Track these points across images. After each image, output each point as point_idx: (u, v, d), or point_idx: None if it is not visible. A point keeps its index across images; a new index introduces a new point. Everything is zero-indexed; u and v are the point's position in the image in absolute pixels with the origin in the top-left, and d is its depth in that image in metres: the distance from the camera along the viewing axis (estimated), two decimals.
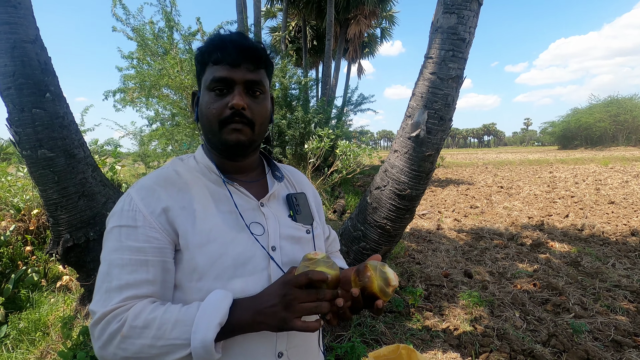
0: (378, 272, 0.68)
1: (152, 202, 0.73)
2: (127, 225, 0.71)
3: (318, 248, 0.88)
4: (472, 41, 2.05)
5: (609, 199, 8.23)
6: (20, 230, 4.23)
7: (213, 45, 0.77)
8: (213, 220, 0.75)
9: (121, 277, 0.68)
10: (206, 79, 0.78)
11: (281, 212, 0.86)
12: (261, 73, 0.80)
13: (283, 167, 1.00)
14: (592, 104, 43.38)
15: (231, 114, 0.75)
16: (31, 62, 2.27)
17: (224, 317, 0.64)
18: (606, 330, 2.74)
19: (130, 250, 0.70)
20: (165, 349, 0.64)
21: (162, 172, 0.80)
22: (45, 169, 2.35)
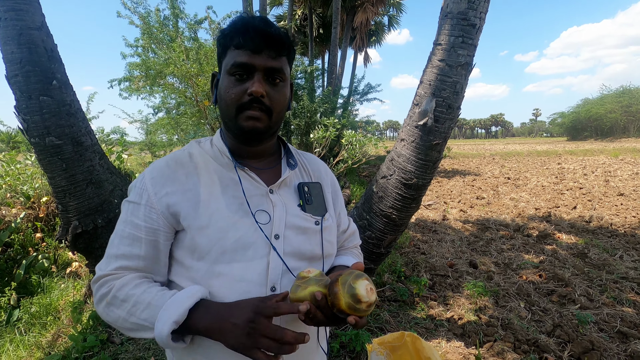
0: (346, 288, 0.63)
1: (159, 183, 0.77)
2: (134, 202, 0.78)
3: (326, 241, 0.85)
4: (482, 27, 2.00)
5: (618, 190, 8.12)
6: (31, 218, 4.30)
7: (236, 29, 0.77)
8: (216, 204, 0.76)
9: (120, 247, 0.76)
10: (227, 62, 0.78)
11: (291, 200, 0.85)
12: (282, 60, 0.79)
13: (302, 154, 0.98)
14: (603, 94, 42.47)
15: (249, 101, 0.75)
16: (38, 49, 2.27)
17: (180, 317, 0.66)
18: (612, 321, 2.73)
19: (131, 225, 0.76)
20: (135, 325, 0.71)
21: (176, 155, 0.83)
22: (53, 157, 2.36)
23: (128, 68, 5.82)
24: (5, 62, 2.23)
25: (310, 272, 0.70)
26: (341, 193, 1.02)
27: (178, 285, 0.78)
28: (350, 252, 1.01)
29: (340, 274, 0.68)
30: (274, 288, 0.76)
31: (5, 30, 2.19)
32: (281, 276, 0.77)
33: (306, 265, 0.81)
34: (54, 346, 2.47)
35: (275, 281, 0.76)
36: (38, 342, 2.52)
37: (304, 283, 0.67)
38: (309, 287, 0.67)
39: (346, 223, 1.01)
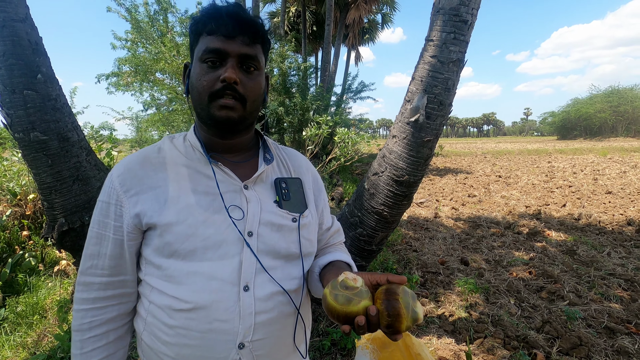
0: (410, 312, 0.60)
1: (127, 181, 0.76)
2: (102, 201, 0.77)
3: (304, 239, 0.82)
4: (474, 23, 2.00)
5: (606, 189, 8.25)
6: (17, 215, 4.22)
7: (208, 14, 0.74)
8: (186, 200, 0.74)
9: (88, 247, 0.78)
10: (199, 49, 0.75)
11: (266, 196, 0.81)
12: (257, 48, 0.77)
13: (283, 149, 0.95)
14: (592, 94, 43.13)
15: (222, 87, 0.72)
16: (21, 42, 2.21)
17: None
18: (600, 317, 2.76)
19: (99, 225, 0.77)
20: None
21: (144, 151, 0.81)
22: (38, 152, 2.31)
23: (117, 63, 5.73)
24: None
25: (357, 281, 0.64)
26: (324, 190, 0.98)
27: (149, 285, 0.76)
28: (339, 248, 0.98)
29: (392, 290, 0.62)
30: (247, 287, 0.72)
31: None
32: (255, 275, 0.74)
33: (282, 265, 0.78)
34: (40, 346, 2.42)
35: (249, 280, 0.73)
36: (24, 341, 2.46)
37: (355, 295, 0.62)
38: (363, 300, 0.62)
39: (330, 221, 0.98)
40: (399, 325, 0.60)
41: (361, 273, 0.70)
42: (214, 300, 0.70)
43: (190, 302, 0.70)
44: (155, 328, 0.74)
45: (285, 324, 0.78)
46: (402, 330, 0.61)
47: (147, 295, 0.76)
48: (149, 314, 0.75)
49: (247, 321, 0.71)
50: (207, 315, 0.70)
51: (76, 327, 0.78)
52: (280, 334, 0.77)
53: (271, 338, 0.75)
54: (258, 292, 0.73)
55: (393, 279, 0.66)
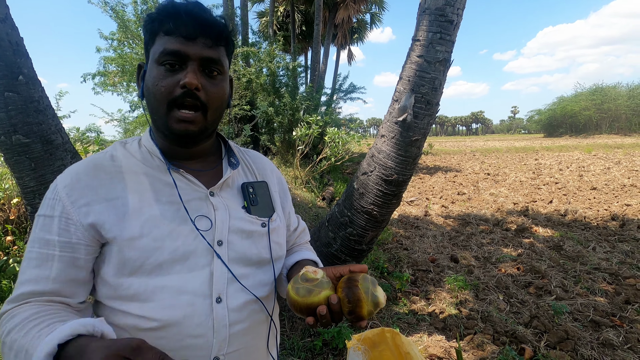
0: (370, 296, 0.63)
1: (76, 191, 0.66)
2: (44, 215, 0.66)
3: (274, 243, 0.80)
4: (460, 23, 2.02)
5: (591, 185, 8.43)
6: (0, 220, 4.12)
7: (166, 12, 0.67)
8: (149, 211, 0.68)
9: (25, 271, 0.64)
10: (155, 50, 0.68)
11: (234, 202, 0.77)
12: (220, 51, 0.71)
13: (246, 152, 0.91)
14: (577, 92, 44.11)
15: (182, 94, 0.66)
16: (1, 43, 2.15)
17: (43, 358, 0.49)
18: (585, 311, 2.82)
19: (40, 243, 0.65)
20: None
21: (94, 158, 0.72)
22: (20, 156, 2.26)
23: (102, 62, 5.63)
24: None
25: (317, 272, 0.66)
26: (289, 191, 0.97)
27: (106, 307, 0.68)
28: (305, 247, 0.97)
29: (353, 278, 0.64)
30: (219, 299, 0.69)
31: None
32: (227, 285, 0.71)
33: (254, 271, 0.76)
34: None
35: (221, 291, 0.70)
36: None
37: (315, 286, 0.64)
38: (323, 290, 0.64)
39: (296, 222, 0.97)
40: (360, 310, 0.62)
41: (325, 268, 0.72)
42: (185, 316, 0.66)
43: (158, 320, 0.65)
44: None
45: (259, 331, 0.77)
46: (364, 315, 0.62)
47: (105, 317, 0.65)
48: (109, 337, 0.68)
49: (222, 334, 0.69)
50: (178, 332, 0.66)
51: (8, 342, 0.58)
52: (254, 342, 0.76)
53: (246, 348, 0.73)
54: (231, 303, 0.70)
55: (354, 269, 0.68)
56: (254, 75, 7.72)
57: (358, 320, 0.62)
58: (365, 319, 0.63)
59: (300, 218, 1.03)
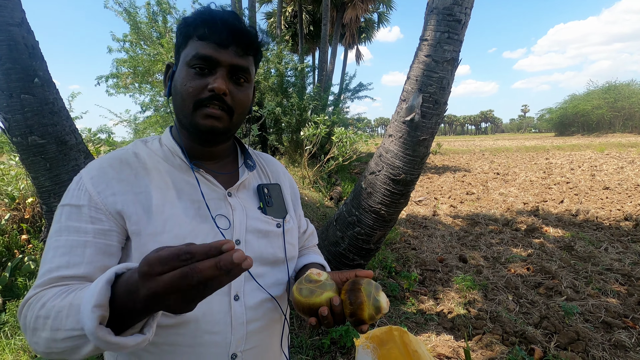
0: (372, 300, 0.63)
1: (102, 182, 0.67)
2: (70, 204, 0.66)
3: (289, 243, 0.82)
4: (468, 23, 2.01)
5: (603, 184, 8.29)
6: (16, 219, 4.21)
7: (202, 19, 0.70)
8: (171, 209, 0.69)
9: (53, 260, 0.62)
10: (187, 53, 0.71)
11: (250, 203, 0.80)
12: (249, 60, 0.74)
13: (260, 155, 0.94)
14: (590, 91, 43.35)
15: (209, 97, 0.69)
16: (18, 46, 2.21)
17: (99, 298, 0.46)
18: (597, 312, 2.79)
19: (68, 231, 0.63)
20: (70, 342, 0.51)
21: (118, 154, 0.73)
22: (36, 156, 2.32)
23: (115, 64, 5.73)
24: None
25: (321, 275, 0.68)
26: (299, 194, 0.99)
27: None
28: (313, 251, 0.99)
29: (357, 281, 0.65)
30: (237, 296, 0.71)
31: None
32: (244, 283, 0.73)
33: (269, 271, 0.78)
34: None
35: (238, 289, 0.72)
36: (25, 345, 2.47)
37: (318, 288, 0.65)
38: (325, 292, 0.65)
39: (305, 224, 0.99)
40: (361, 313, 0.63)
41: (331, 272, 0.73)
42: (204, 313, 0.67)
43: (177, 317, 0.66)
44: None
45: (273, 330, 0.79)
46: (365, 318, 0.63)
47: None
48: None
49: (239, 331, 0.70)
50: (196, 328, 0.67)
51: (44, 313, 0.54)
52: (269, 340, 0.78)
53: (261, 345, 0.75)
54: (248, 301, 0.72)
55: (360, 274, 0.69)
56: (262, 76, 7.77)
57: (359, 323, 0.63)
58: (366, 323, 0.63)
59: (309, 221, 1.05)
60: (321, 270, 0.69)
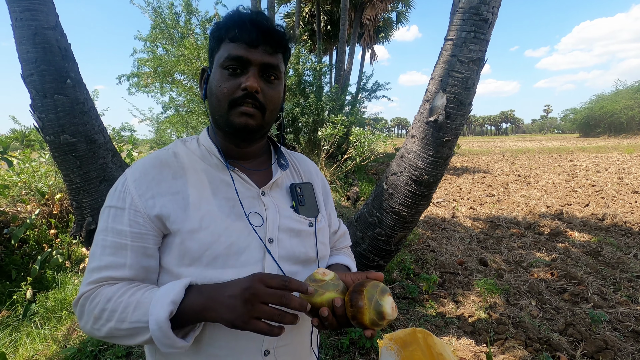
0: (373, 304, 0.60)
1: (143, 185, 0.71)
2: (115, 207, 0.71)
3: (320, 243, 0.83)
4: (494, 22, 1.97)
5: (632, 188, 7.96)
6: (45, 214, 4.38)
7: (232, 21, 0.73)
8: (207, 206, 0.72)
9: (102, 259, 0.69)
10: (220, 55, 0.74)
11: (283, 202, 0.82)
12: (279, 57, 0.76)
13: (292, 154, 0.95)
14: (618, 90, 41.63)
15: (243, 95, 0.71)
16: (52, 49, 2.31)
17: (176, 296, 0.60)
18: (626, 320, 2.68)
19: (113, 233, 0.69)
20: (130, 331, 0.63)
21: (159, 155, 0.77)
22: (67, 154, 2.41)
23: (137, 63, 5.88)
24: (21, 62, 2.28)
25: (326, 274, 0.66)
26: (331, 194, 0.99)
27: None
28: (342, 252, 0.98)
29: (362, 284, 0.64)
30: None
31: (20, 30, 2.23)
32: None
33: (301, 270, 0.78)
34: (70, 339, 2.53)
35: None
36: (54, 335, 2.57)
37: (321, 287, 0.64)
38: (327, 292, 0.63)
39: (337, 224, 0.99)
40: (361, 317, 0.60)
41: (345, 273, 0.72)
42: None
43: None
44: None
45: (304, 328, 0.80)
46: (366, 323, 0.60)
47: None
48: None
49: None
50: None
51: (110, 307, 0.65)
52: (300, 339, 0.79)
53: (293, 343, 0.77)
54: None
55: (371, 276, 0.68)
56: None
57: (361, 327, 0.62)
58: (369, 328, 0.61)
59: (342, 222, 1.04)
60: (328, 270, 0.68)
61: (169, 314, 0.59)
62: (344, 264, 0.90)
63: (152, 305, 0.60)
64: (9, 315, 2.80)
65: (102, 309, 0.65)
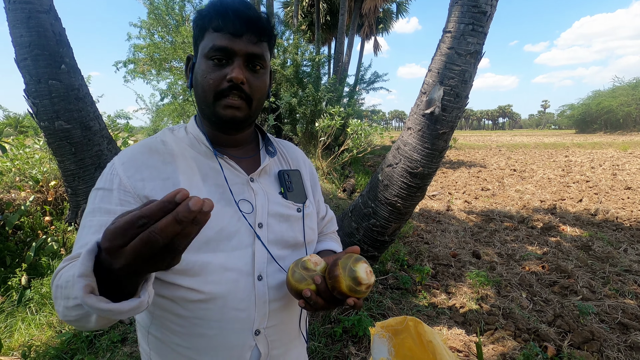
0: (347, 271, 0.63)
1: (132, 168, 0.71)
2: (103, 188, 0.70)
3: (308, 227, 0.85)
4: (493, 14, 1.97)
5: (625, 184, 8.04)
6: (39, 201, 4.36)
7: (215, 10, 0.72)
8: (197, 192, 0.72)
9: (85, 237, 0.65)
10: (205, 45, 0.73)
11: (271, 188, 0.83)
12: (263, 46, 0.76)
13: (279, 142, 0.96)
14: (615, 87, 41.70)
15: (228, 87, 0.72)
16: (46, 33, 2.27)
17: (83, 268, 0.44)
18: (613, 313, 2.74)
19: (100, 212, 0.67)
20: (78, 310, 0.52)
21: (147, 142, 0.77)
22: (62, 141, 2.40)
23: (133, 49, 5.81)
24: (15, 46, 2.25)
25: (318, 264, 0.69)
26: (318, 181, 1.01)
27: (157, 279, 0.71)
28: (330, 237, 1.01)
29: (339, 257, 0.67)
30: (260, 276, 0.75)
31: (14, 13, 2.19)
32: (266, 264, 0.76)
33: (290, 253, 0.81)
34: (65, 325, 2.55)
35: (262, 270, 0.75)
36: (49, 321, 2.59)
37: (309, 277, 0.67)
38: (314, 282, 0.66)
39: (324, 210, 1.01)
40: (339, 285, 0.63)
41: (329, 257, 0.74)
42: (230, 291, 0.71)
43: (206, 293, 0.70)
44: (166, 320, 0.74)
45: (293, 310, 0.82)
46: (344, 290, 0.63)
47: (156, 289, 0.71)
48: (157, 307, 0.74)
49: (262, 309, 0.75)
50: (223, 305, 0.71)
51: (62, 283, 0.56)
52: (290, 320, 0.82)
53: (282, 324, 0.79)
54: (271, 281, 0.76)
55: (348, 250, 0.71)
56: (279, 66, 7.76)
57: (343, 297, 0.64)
58: (349, 296, 0.63)
59: (329, 207, 1.06)
60: (320, 260, 0.70)
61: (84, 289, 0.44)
62: (331, 249, 0.93)
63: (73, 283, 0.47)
64: (4, 302, 2.81)
65: (57, 286, 0.57)
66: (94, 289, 0.45)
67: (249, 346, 0.75)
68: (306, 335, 0.91)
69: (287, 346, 0.82)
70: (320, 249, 0.92)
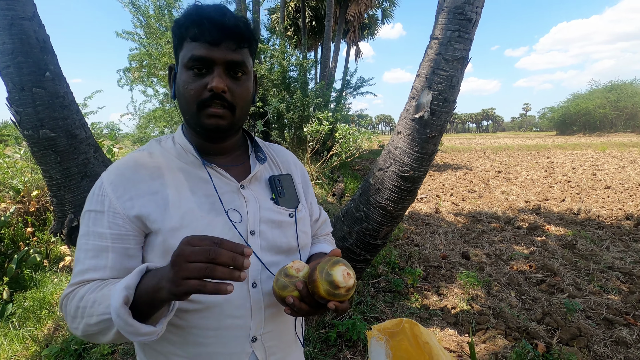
0: (324, 275, 0.63)
1: (120, 187, 0.71)
2: (94, 210, 0.71)
3: (301, 232, 0.85)
4: (478, 21, 2.03)
5: (605, 184, 8.31)
6: (21, 212, 4.23)
7: (191, 20, 0.71)
8: (187, 204, 0.72)
9: (84, 262, 0.70)
10: (184, 55, 0.72)
11: (263, 194, 0.83)
12: (243, 52, 0.74)
13: (269, 146, 0.96)
14: (592, 89, 43.19)
15: (210, 97, 0.71)
16: (30, 40, 2.23)
17: (129, 281, 0.58)
18: (598, 309, 2.82)
19: (94, 236, 0.70)
20: (100, 325, 0.62)
21: (134, 156, 0.77)
22: (47, 149, 2.34)
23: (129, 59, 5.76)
24: None
25: (300, 270, 0.68)
26: (310, 183, 1.00)
27: None
28: (324, 239, 1.01)
29: (319, 261, 0.67)
30: (255, 284, 0.75)
31: None
32: (260, 272, 0.76)
33: (283, 259, 0.81)
34: (52, 338, 2.47)
35: (256, 277, 0.76)
36: (33, 335, 2.50)
37: (291, 284, 0.67)
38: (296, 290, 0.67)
39: (317, 212, 1.01)
40: (317, 290, 0.63)
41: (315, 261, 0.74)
42: (226, 299, 0.72)
43: (202, 303, 0.71)
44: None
45: (288, 316, 0.81)
46: (322, 294, 0.63)
47: None
48: None
49: (258, 316, 0.75)
50: (220, 313, 0.72)
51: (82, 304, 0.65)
52: (285, 326, 0.82)
53: (278, 330, 0.80)
54: (265, 288, 0.76)
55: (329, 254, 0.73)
56: (266, 71, 7.76)
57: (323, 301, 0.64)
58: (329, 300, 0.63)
59: (322, 209, 1.06)
60: (303, 265, 0.70)
61: (123, 299, 0.57)
62: (324, 252, 0.92)
63: (111, 295, 0.59)
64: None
65: (76, 307, 0.65)
66: (129, 301, 0.58)
67: (246, 353, 0.75)
68: (302, 340, 0.91)
69: (284, 351, 0.82)
70: (313, 252, 0.92)
